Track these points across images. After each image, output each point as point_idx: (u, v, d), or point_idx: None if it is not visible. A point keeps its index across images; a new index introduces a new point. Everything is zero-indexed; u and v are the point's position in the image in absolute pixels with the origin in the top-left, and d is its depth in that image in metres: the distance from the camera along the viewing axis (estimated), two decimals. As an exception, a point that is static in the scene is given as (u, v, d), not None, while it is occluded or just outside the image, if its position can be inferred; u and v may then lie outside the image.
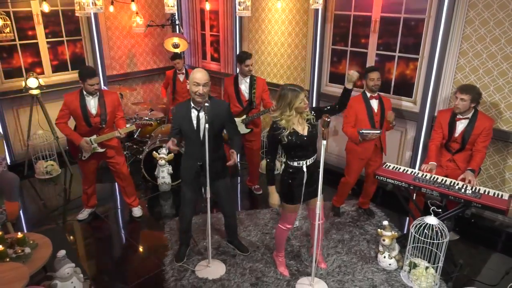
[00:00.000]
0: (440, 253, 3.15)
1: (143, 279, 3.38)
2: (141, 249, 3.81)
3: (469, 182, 3.27)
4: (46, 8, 4.81)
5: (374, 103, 3.88)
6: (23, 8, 5.06)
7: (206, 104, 2.88)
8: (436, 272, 3.23)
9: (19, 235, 3.05)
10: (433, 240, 3.11)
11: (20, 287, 2.57)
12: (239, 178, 5.28)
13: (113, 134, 3.90)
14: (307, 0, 4.84)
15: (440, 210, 3.18)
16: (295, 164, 2.95)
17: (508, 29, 3.55)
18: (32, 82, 4.91)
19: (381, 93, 3.98)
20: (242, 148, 4.64)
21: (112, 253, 3.78)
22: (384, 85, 4.56)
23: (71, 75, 5.59)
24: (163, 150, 4.67)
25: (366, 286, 3.25)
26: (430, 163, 3.58)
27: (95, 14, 5.61)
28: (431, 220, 3.12)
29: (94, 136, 3.89)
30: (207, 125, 2.92)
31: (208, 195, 3.19)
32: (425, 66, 4.13)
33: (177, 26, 6.32)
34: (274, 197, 3.06)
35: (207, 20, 6.40)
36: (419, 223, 3.15)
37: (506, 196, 3.11)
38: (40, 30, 5.27)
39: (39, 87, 4.96)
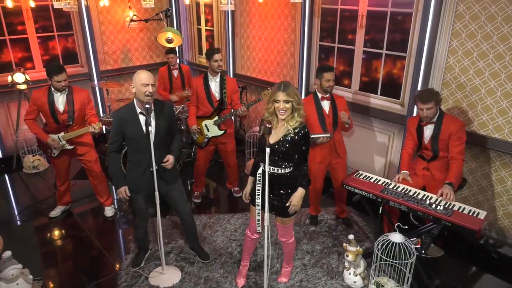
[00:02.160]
0: (409, 273, 2.86)
1: (95, 282, 3.29)
2: (103, 250, 3.72)
3: (446, 197, 2.94)
4: (32, 3, 4.80)
5: (326, 104, 3.60)
6: (12, 2, 5.08)
7: (147, 105, 2.71)
8: (403, 292, 2.94)
9: (-34, 234, 3.03)
10: (401, 259, 2.82)
11: None
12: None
13: (85, 129, 3.81)
14: (295, -7, 4.57)
15: (406, 227, 2.86)
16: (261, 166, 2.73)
17: (501, 24, 3.14)
18: (18, 77, 4.93)
19: (334, 92, 3.74)
20: (216, 152, 4.48)
21: (73, 253, 3.72)
22: (371, 85, 4.25)
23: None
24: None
25: (324, 305, 3.01)
26: (402, 172, 3.28)
27: (87, 8, 5.57)
28: (396, 237, 2.82)
29: (62, 133, 3.83)
30: (151, 129, 2.77)
31: (157, 200, 3.04)
32: (412, 65, 3.77)
33: (166, 20, 6.16)
34: (247, 187, 2.89)
35: (202, 14, 6.23)
36: (383, 240, 2.86)
37: (482, 215, 2.76)
38: (30, 25, 5.29)
39: (26, 82, 4.98)
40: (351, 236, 3.19)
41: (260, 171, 2.62)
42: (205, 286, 3.20)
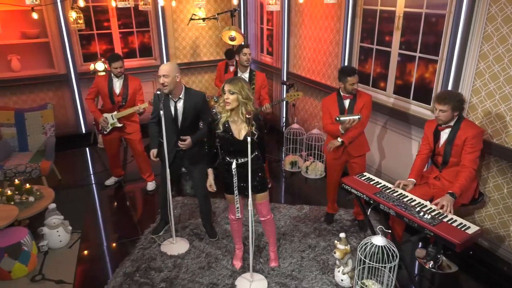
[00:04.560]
0: (393, 276, 2.82)
1: (121, 241, 3.85)
2: (134, 217, 4.29)
3: (442, 207, 2.81)
4: (113, 3, 5.63)
5: (347, 103, 3.62)
6: (101, 3, 6.01)
7: (158, 92, 3.13)
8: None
9: (27, 186, 3.81)
10: (385, 262, 2.78)
11: (1, 224, 3.27)
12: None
13: (133, 109, 4.46)
14: (341, -7, 4.61)
15: (390, 231, 2.81)
16: (227, 159, 3.01)
17: (534, 28, 2.86)
18: (99, 66, 5.83)
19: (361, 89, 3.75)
20: None
21: (111, 216, 4.37)
22: (404, 89, 4.12)
23: (138, 62, 6.44)
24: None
25: (305, 296, 3.10)
26: (408, 179, 3.18)
27: (162, 8, 6.30)
28: (378, 240, 2.79)
29: (115, 112, 4.51)
30: (162, 112, 3.19)
31: (168, 176, 3.45)
32: (444, 70, 3.58)
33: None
34: (210, 178, 3.18)
35: (265, 14, 6.54)
36: (365, 243, 2.85)
37: (472, 230, 2.59)
38: (114, 22, 6.18)
39: (105, 70, 5.85)
40: (342, 234, 3.21)
41: (234, 165, 2.91)
42: (205, 259, 3.52)
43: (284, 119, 5.96)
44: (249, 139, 2.72)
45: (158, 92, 3.15)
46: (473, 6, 3.21)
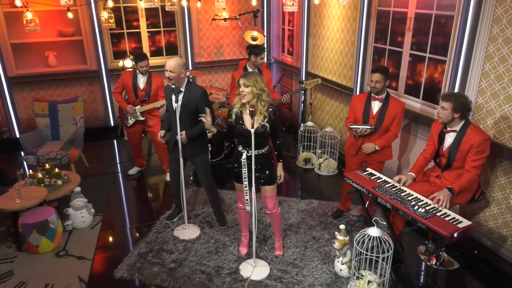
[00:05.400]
0: (387, 266, 2.93)
1: (139, 225, 4.15)
2: (152, 204, 4.58)
3: (438, 202, 2.90)
4: (143, 4, 5.97)
5: (375, 105, 3.68)
6: (131, 4, 6.38)
7: (173, 86, 3.39)
8: (383, 286, 3.01)
9: (56, 170, 4.17)
10: (379, 253, 2.90)
11: (31, 203, 3.63)
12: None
13: (154, 104, 4.78)
14: (357, -5, 4.73)
15: (385, 223, 2.92)
16: (239, 148, 3.20)
17: (537, 29, 2.89)
18: (128, 63, 6.20)
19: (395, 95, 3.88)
20: None
21: (132, 202, 4.69)
22: (413, 89, 4.19)
23: (164, 60, 6.74)
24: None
25: (304, 283, 3.26)
26: (408, 173, 3.27)
27: (188, 9, 6.60)
28: (373, 231, 2.91)
29: (138, 106, 4.83)
30: (176, 105, 3.45)
31: (182, 167, 3.71)
32: (451, 70, 3.63)
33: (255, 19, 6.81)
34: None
35: (286, 15, 6.71)
36: (361, 235, 2.97)
37: (463, 224, 2.67)
38: (142, 22, 6.55)
39: (133, 67, 6.21)
40: (342, 226, 3.35)
41: (244, 156, 3.06)
42: (213, 245, 3.75)
43: (301, 118, 6.10)
44: (252, 130, 2.90)
45: (173, 86, 3.41)
46: (480, 7, 3.26)
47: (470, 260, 3.52)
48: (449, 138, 3.15)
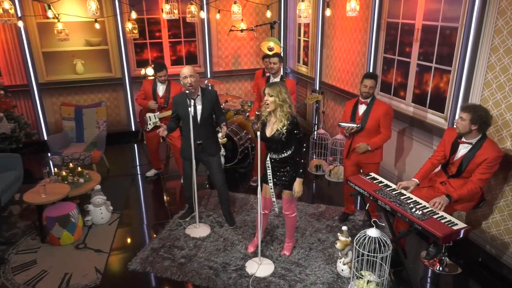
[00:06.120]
0: (386, 266, 3.03)
1: (155, 223, 4.38)
2: (167, 204, 4.82)
3: (433, 205, 3.00)
4: (164, 16, 6.31)
5: (361, 108, 3.89)
6: (154, 16, 6.74)
7: (187, 91, 3.63)
8: (382, 286, 3.11)
9: (79, 169, 4.47)
10: (379, 253, 3.01)
11: (55, 198, 3.92)
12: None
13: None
14: (369, 7, 4.89)
15: (383, 224, 3.03)
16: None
17: (536, 40, 2.99)
18: (149, 71, 6.53)
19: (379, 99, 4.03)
20: None
21: (148, 202, 4.94)
22: (420, 98, 4.29)
23: (184, 68, 7.06)
24: (219, 135, 5.55)
25: (306, 281, 3.39)
26: (412, 179, 3.36)
27: (208, 20, 6.91)
28: (372, 232, 3.03)
29: (158, 113, 5.10)
30: (194, 110, 3.71)
31: (194, 169, 3.92)
32: (456, 80, 3.73)
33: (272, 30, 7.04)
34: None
35: (302, 26, 6.92)
36: (360, 237, 3.09)
37: (458, 226, 2.76)
38: (164, 32, 6.89)
39: (154, 75, 6.53)
40: (344, 227, 3.47)
41: (268, 159, 3.31)
42: (222, 243, 3.93)
43: (315, 126, 6.25)
44: (258, 133, 3.09)
45: (187, 92, 3.64)
46: (482, 19, 3.37)
47: (472, 266, 3.56)
48: (463, 149, 3.18)
